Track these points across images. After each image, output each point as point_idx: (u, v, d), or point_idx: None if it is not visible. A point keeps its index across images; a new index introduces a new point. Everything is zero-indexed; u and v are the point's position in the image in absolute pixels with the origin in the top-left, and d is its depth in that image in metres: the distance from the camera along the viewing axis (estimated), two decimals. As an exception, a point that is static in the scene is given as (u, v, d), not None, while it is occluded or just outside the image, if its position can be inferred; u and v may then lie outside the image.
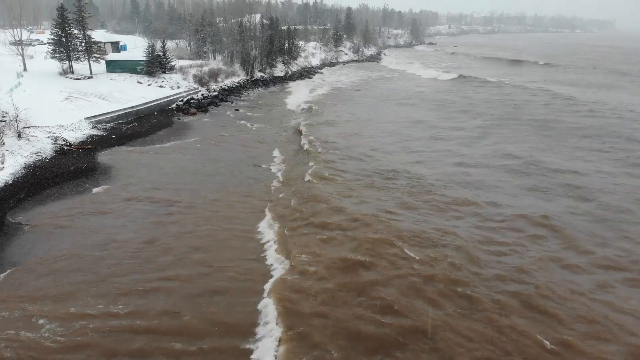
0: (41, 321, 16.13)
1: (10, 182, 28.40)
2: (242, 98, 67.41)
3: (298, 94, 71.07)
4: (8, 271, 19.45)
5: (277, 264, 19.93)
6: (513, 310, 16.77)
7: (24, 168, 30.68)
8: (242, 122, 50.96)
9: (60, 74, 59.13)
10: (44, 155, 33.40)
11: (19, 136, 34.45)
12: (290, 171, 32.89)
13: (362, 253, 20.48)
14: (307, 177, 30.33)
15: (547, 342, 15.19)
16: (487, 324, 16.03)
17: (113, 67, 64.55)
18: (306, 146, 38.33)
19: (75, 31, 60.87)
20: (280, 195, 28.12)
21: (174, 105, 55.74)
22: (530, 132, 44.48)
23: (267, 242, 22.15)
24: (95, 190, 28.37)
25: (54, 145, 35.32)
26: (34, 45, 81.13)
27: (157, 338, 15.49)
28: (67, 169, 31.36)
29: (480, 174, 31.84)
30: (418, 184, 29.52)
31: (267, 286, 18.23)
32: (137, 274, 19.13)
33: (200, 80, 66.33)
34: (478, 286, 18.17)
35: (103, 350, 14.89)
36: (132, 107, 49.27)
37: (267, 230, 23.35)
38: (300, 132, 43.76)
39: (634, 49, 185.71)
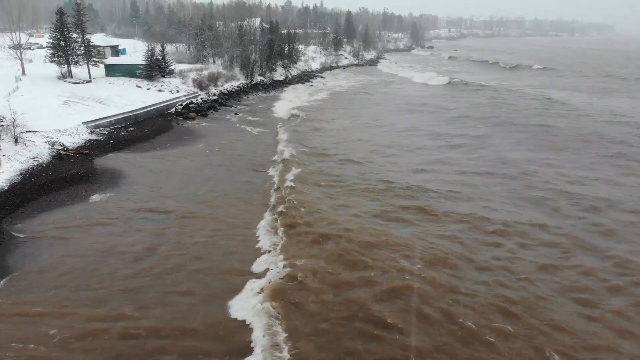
0: (50, 331, 15.86)
1: (6, 187, 28.00)
2: (242, 102, 67.09)
3: (297, 99, 70.92)
4: (4, 280, 19.07)
5: (273, 273, 19.45)
6: (516, 322, 16.38)
7: (20, 173, 30.28)
8: (242, 126, 50.64)
9: (59, 78, 58.83)
10: (41, 161, 33.02)
11: (16, 141, 34.10)
12: (288, 176, 32.45)
13: (357, 264, 20.05)
14: (290, 184, 29.98)
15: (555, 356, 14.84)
16: (490, 334, 15.64)
17: (112, 71, 64.31)
18: (285, 154, 37.42)
19: (74, 35, 60.62)
20: (277, 202, 27.60)
21: (173, 110, 55.37)
22: (528, 139, 43.46)
23: (265, 250, 21.71)
24: (91, 197, 27.97)
25: (51, 150, 34.94)
26: (32, 49, 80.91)
27: (162, 345, 15.39)
28: (63, 175, 30.95)
29: (477, 183, 31.23)
30: (414, 193, 28.97)
31: (263, 296, 17.79)
32: (138, 284, 18.77)
33: (200, 84, 66.05)
34: (479, 295, 17.79)
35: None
36: (131, 111, 48.92)
37: (265, 238, 22.90)
38: (280, 141, 43.05)
39: (633, 53, 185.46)
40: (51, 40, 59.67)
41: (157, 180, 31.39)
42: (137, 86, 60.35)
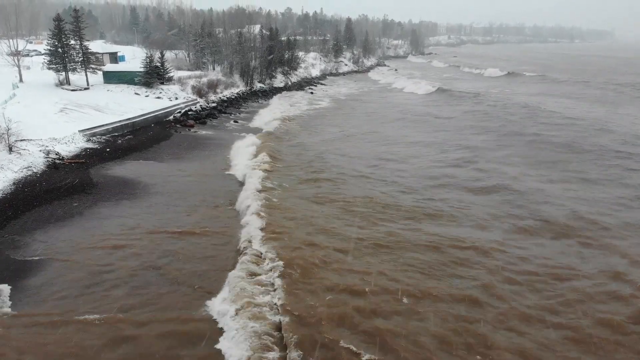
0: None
1: (-2, 198, 27.28)
2: (241, 109, 66.53)
3: (297, 105, 70.46)
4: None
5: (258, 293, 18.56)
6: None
7: (14, 183, 29.53)
8: (242, 134, 49.89)
9: (57, 85, 58.25)
10: (35, 170, 32.27)
11: (10, 150, 33.41)
12: (280, 187, 31.72)
13: (341, 291, 18.60)
14: (278, 201, 28.63)
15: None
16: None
17: (110, 78, 63.77)
18: (279, 164, 36.13)
19: (72, 42, 60.11)
20: (263, 214, 26.21)
21: (171, 117, 54.69)
22: (528, 150, 41.28)
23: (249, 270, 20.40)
24: (86, 208, 27.16)
25: (45, 160, 34.21)
26: (31, 56, 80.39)
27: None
28: (58, 185, 30.17)
29: (473, 201, 28.95)
30: (411, 214, 26.84)
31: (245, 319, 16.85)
32: (137, 302, 18.03)
33: (199, 92, 65.51)
34: (477, 328, 17.01)
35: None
36: (128, 119, 48.24)
37: (252, 251, 21.76)
38: (276, 151, 40.75)
39: (635, 59, 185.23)
40: (49, 47, 59.15)
41: (153, 190, 30.59)
42: (136, 93, 59.79)
